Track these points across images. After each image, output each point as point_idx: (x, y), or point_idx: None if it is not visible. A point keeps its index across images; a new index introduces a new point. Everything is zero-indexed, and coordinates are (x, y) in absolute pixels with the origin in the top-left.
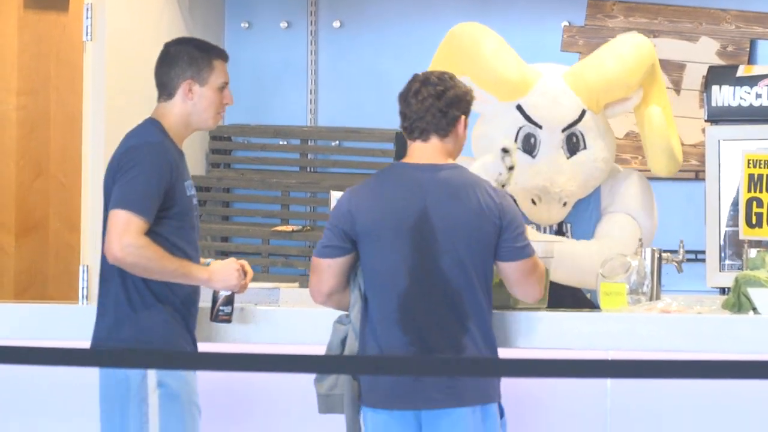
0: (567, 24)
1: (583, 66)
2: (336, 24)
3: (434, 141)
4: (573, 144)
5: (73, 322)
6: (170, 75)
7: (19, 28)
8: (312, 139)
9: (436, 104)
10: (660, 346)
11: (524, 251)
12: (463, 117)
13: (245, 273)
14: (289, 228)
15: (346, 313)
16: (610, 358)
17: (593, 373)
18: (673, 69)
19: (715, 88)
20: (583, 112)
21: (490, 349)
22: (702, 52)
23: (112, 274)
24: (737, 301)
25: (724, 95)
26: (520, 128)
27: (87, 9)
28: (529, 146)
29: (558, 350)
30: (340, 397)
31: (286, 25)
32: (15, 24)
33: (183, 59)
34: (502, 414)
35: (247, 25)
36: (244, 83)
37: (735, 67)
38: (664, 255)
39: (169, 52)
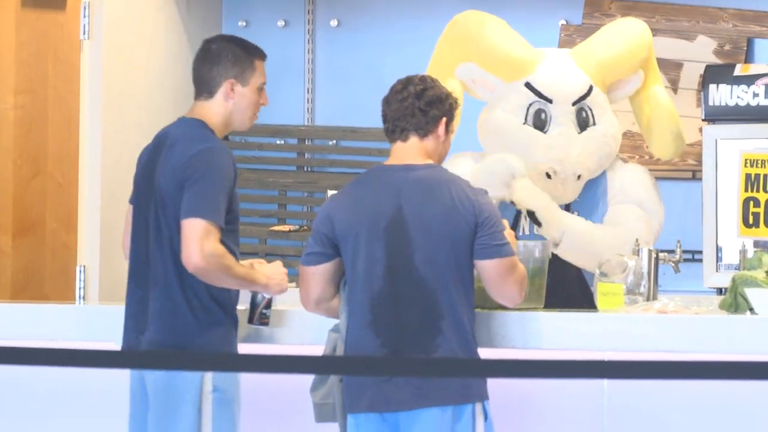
0: (564, 22)
1: (588, 44)
2: (333, 23)
3: (414, 140)
4: (583, 119)
5: (71, 322)
6: (213, 73)
7: (16, 26)
8: (309, 139)
9: (416, 103)
10: (657, 347)
11: (501, 250)
12: (444, 119)
13: None
14: (287, 228)
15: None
16: (606, 359)
17: (590, 373)
18: (671, 68)
19: (712, 87)
20: (591, 88)
21: (465, 349)
22: (699, 51)
23: (168, 278)
24: (734, 301)
25: (722, 94)
26: (530, 105)
27: (84, 7)
28: (540, 122)
29: (555, 350)
30: (332, 405)
31: (283, 23)
32: (12, 22)
33: (227, 58)
34: (486, 416)
35: (244, 23)
36: None
37: (732, 66)
38: (661, 255)
39: (211, 49)
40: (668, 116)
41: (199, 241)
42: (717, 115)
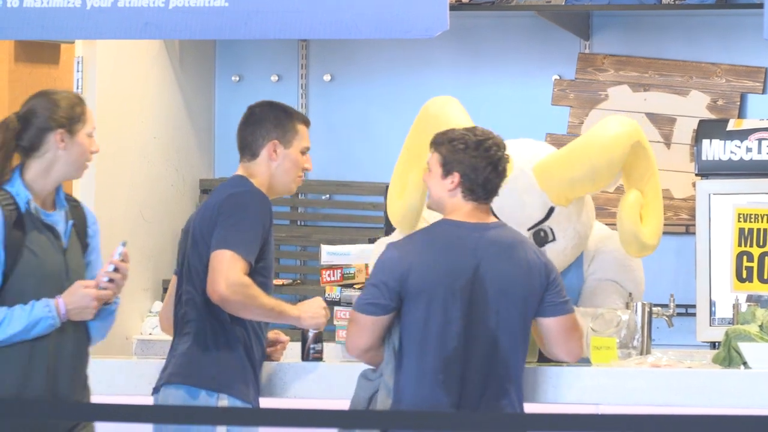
0: (558, 77)
1: (551, 162)
2: (326, 77)
3: (489, 203)
4: (541, 238)
5: None
6: (255, 135)
7: (10, 81)
8: (302, 193)
9: (505, 170)
10: (650, 401)
11: (566, 306)
12: None
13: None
14: (280, 282)
15: (371, 368)
16: (600, 413)
17: (584, 427)
18: (664, 123)
19: (705, 141)
20: (551, 211)
21: (521, 408)
22: (692, 106)
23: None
24: (727, 355)
25: (715, 149)
26: None
27: (77, 62)
28: None
29: (549, 404)
30: None
31: (276, 78)
32: (6, 77)
33: (269, 120)
34: None
35: (237, 78)
36: (234, 136)
37: (725, 121)
38: (654, 309)
39: (254, 113)
40: (628, 223)
41: (224, 271)
42: (710, 170)
